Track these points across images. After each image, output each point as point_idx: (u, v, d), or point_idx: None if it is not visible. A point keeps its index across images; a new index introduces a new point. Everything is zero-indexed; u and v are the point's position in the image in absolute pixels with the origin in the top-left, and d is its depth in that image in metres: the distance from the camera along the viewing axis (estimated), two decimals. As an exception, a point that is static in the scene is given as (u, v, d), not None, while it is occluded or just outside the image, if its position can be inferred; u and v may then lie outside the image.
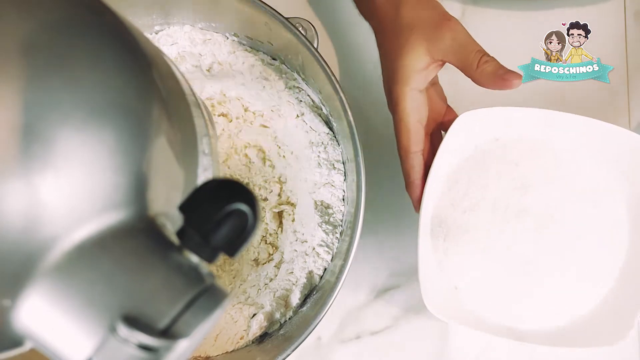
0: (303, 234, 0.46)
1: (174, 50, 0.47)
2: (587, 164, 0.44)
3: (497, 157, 0.44)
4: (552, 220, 0.44)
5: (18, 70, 0.16)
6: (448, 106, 0.45)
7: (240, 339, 0.45)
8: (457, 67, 0.39)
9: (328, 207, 0.45)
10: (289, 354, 0.40)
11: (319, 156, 0.45)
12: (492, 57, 0.38)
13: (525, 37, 0.53)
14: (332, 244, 0.45)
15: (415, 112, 0.40)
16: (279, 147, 0.47)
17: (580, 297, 0.44)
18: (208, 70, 0.47)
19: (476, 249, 0.44)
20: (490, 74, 0.38)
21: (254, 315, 0.45)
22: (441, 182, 0.44)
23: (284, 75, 0.46)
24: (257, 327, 0.44)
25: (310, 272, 0.45)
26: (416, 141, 0.41)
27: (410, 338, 0.51)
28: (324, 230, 0.45)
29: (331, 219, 0.45)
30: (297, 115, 0.46)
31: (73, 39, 0.18)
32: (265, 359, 0.41)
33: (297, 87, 0.46)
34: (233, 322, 0.45)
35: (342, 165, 0.46)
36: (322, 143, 0.46)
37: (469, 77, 0.39)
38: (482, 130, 0.43)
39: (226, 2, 0.43)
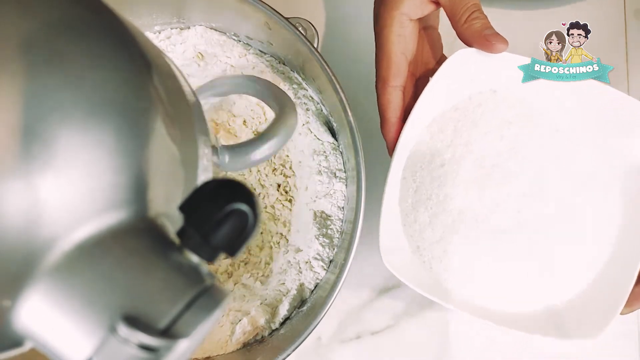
0: (298, 244, 0.45)
1: (190, 50, 0.47)
2: (585, 137, 0.39)
3: (491, 111, 0.38)
4: (539, 191, 0.38)
5: (18, 70, 0.16)
6: (443, 55, 0.41)
7: (225, 343, 0.44)
8: (447, 14, 0.36)
9: (327, 217, 0.45)
10: (289, 354, 0.40)
11: (320, 164, 0.45)
12: (484, 15, 0.35)
13: (526, 37, 0.53)
14: (328, 258, 0.44)
15: (401, 41, 0.36)
16: (282, 151, 0.47)
17: (560, 282, 0.39)
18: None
19: (449, 209, 0.38)
20: (475, 31, 0.35)
21: (239, 320, 0.44)
22: (422, 127, 0.38)
23: (294, 86, 0.46)
24: (240, 332, 0.44)
25: (302, 285, 0.44)
26: (397, 73, 0.36)
27: (410, 338, 0.51)
28: (320, 243, 0.44)
29: (329, 231, 0.44)
30: (303, 124, 0.46)
31: (73, 38, 0.18)
32: (266, 358, 0.41)
33: (306, 96, 0.46)
34: (218, 326, 0.44)
35: (344, 173, 0.45)
36: (325, 152, 0.45)
37: (454, 29, 0.36)
38: (478, 77, 0.38)
39: (226, 2, 0.42)
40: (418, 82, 0.40)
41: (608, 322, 0.36)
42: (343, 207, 0.45)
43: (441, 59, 0.40)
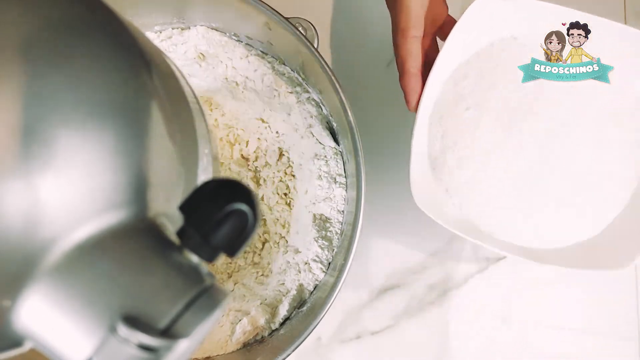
0: (297, 246, 0.45)
1: (191, 51, 0.47)
2: (612, 78, 0.39)
3: (513, 56, 0.39)
4: (563, 132, 0.38)
5: (18, 70, 0.16)
6: (449, 15, 0.41)
7: (225, 343, 0.44)
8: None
9: (327, 220, 0.45)
10: (289, 354, 0.40)
11: (320, 169, 0.45)
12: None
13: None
14: (327, 260, 0.44)
15: None
16: (283, 155, 0.47)
17: (588, 218, 0.39)
18: (226, 79, 0.47)
19: (476, 151, 0.39)
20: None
21: (239, 320, 0.44)
22: (446, 75, 0.39)
23: (297, 88, 0.46)
24: (240, 332, 0.44)
25: (301, 286, 0.44)
26: (416, 24, 0.36)
27: (410, 338, 0.51)
28: (319, 246, 0.44)
29: (328, 234, 0.45)
30: (306, 128, 0.46)
31: (73, 39, 0.18)
32: (266, 358, 0.41)
33: (309, 100, 0.46)
34: (218, 326, 0.44)
35: (344, 178, 0.45)
36: (325, 156, 0.45)
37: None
38: (498, 25, 0.39)
39: (226, 2, 0.43)
40: (434, 34, 0.40)
41: (636, 254, 0.36)
42: (343, 210, 0.45)
43: (448, 19, 0.41)
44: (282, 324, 0.45)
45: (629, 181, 0.39)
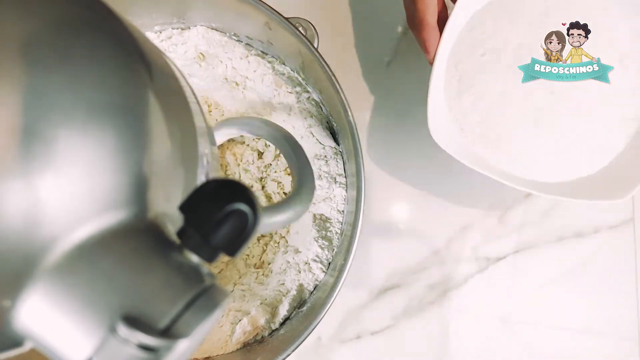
0: (297, 246, 0.45)
1: (191, 51, 0.47)
2: (620, 27, 0.42)
3: (529, 2, 0.42)
4: (572, 74, 0.42)
5: (18, 70, 0.16)
6: None
7: (225, 343, 0.44)
8: None
9: (327, 220, 0.45)
10: (289, 354, 0.40)
11: (320, 169, 0.45)
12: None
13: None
14: (327, 260, 0.44)
15: None
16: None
17: (586, 157, 0.43)
18: (226, 79, 0.47)
19: (489, 94, 0.42)
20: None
21: (239, 320, 0.44)
22: (463, 23, 0.42)
23: (297, 89, 0.46)
24: (240, 332, 0.44)
25: (301, 286, 0.44)
26: None
27: (410, 338, 0.51)
28: (319, 246, 0.44)
29: (328, 234, 0.45)
30: (306, 127, 0.46)
31: (73, 39, 0.18)
32: (267, 358, 0.41)
33: (309, 100, 0.46)
34: (218, 326, 0.44)
35: (345, 178, 0.45)
36: (326, 156, 0.45)
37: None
38: None
39: (226, 2, 0.43)
40: None
41: (635, 186, 0.40)
42: (343, 210, 0.45)
43: None
44: (282, 324, 0.45)
45: (629, 124, 0.43)
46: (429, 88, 0.40)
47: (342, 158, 0.46)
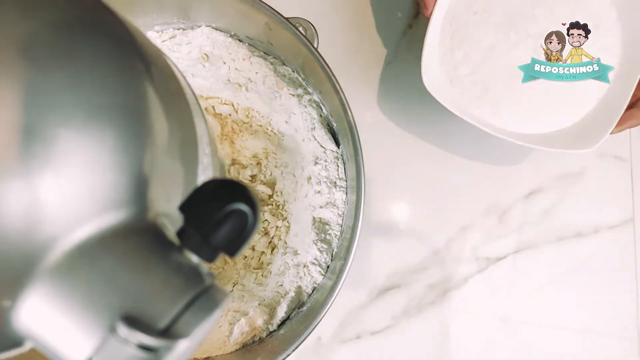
0: (297, 248, 0.45)
1: (195, 51, 0.47)
2: None
3: None
4: (554, 35, 0.46)
5: (18, 70, 0.16)
6: None
7: (223, 344, 0.44)
8: None
9: (326, 223, 0.45)
10: (289, 354, 0.40)
11: (320, 173, 0.45)
12: None
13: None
14: (325, 263, 0.44)
15: None
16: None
17: (566, 110, 0.47)
18: (228, 80, 0.47)
19: (478, 49, 0.46)
20: None
21: (237, 321, 0.44)
22: None
23: (298, 90, 0.46)
24: (238, 332, 0.44)
25: (299, 287, 0.44)
26: None
27: (410, 338, 0.51)
28: (318, 249, 0.44)
29: (327, 237, 0.45)
30: (308, 130, 0.46)
31: (73, 39, 0.18)
32: (266, 359, 0.41)
33: (310, 102, 0.46)
34: (217, 326, 0.44)
35: (345, 182, 0.45)
36: (326, 160, 0.45)
37: None
38: None
39: (226, 2, 0.43)
40: None
41: (602, 137, 0.44)
42: (342, 214, 0.45)
43: None
44: (280, 326, 0.45)
45: (601, 85, 0.46)
46: (425, 42, 0.44)
47: (343, 161, 0.46)
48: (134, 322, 0.16)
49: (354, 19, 0.54)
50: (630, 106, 0.45)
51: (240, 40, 0.47)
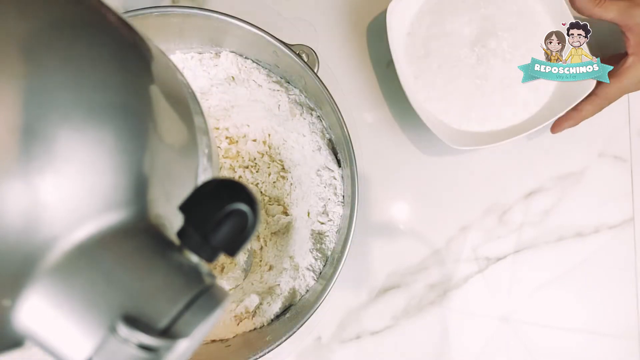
0: (294, 254, 0.47)
1: (221, 74, 0.49)
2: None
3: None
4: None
5: (18, 70, 0.16)
6: None
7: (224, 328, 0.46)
8: None
9: (322, 234, 0.47)
10: (280, 344, 0.41)
11: (318, 185, 0.47)
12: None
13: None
14: (319, 269, 0.46)
15: None
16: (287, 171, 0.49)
17: (521, 109, 0.50)
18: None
19: (448, 67, 0.50)
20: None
21: (236, 307, 0.46)
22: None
23: (307, 115, 0.48)
24: (240, 312, 0.46)
25: (293, 288, 0.46)
26: None
27: (410, 338, 0.51)
28: (314, 257, 0.46)
29: (323, 246, 0.46)
30: (313, 150, 0.48)
31: (73, 39, 0.18)
32: (276, 336, 0.43)
33: (315, 125, 0.48)
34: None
35: (342, 198, 0.47)
36: (327, 174, 0.47)
37: None
38: None
39: (239, 32, 0.44)
40: None
41: (550, 122, 0.50)
42: (338, 226, 0.47)
43: None
44: (274, 320, 0.46)
45: (550, 83, 0.50)
46: (394, 59, 0.48)
47: (342, 179, 0.47)
48: (134, 321, 0.16)
49: (355, 19, 0.54)
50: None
51: (263, 67, 0.49)
